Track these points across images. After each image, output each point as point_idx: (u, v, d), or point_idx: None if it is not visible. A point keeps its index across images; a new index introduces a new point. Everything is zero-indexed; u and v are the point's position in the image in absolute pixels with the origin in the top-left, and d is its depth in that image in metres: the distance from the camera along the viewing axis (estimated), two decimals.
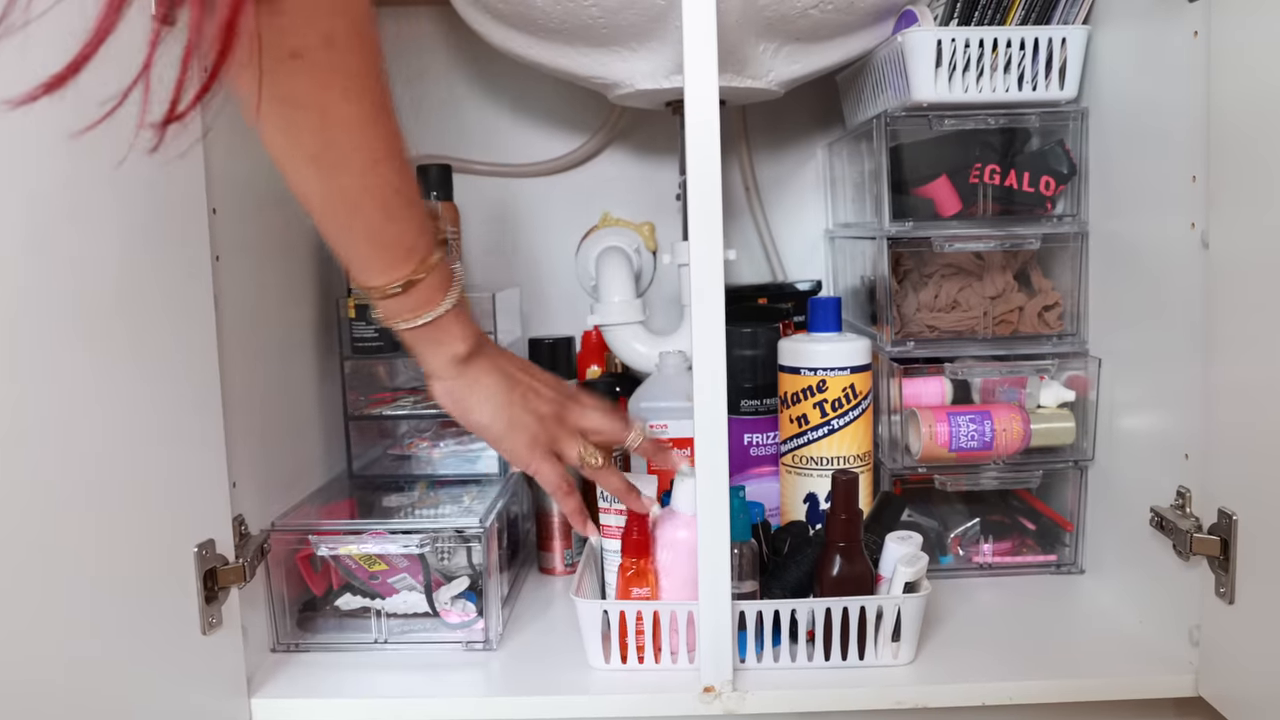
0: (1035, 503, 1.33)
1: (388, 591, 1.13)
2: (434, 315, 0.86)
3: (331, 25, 0.69)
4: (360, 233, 0.80)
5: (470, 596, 1.14)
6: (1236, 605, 0.93)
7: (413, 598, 1.13)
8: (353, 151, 0.75)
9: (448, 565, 1.15)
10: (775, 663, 1.05)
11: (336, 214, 0.79)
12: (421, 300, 0.85)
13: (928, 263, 1.31)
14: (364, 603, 1.14)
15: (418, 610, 1.13)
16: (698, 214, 0.94)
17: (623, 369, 1.53)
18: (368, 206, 0.78)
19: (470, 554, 1.15)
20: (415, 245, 0.82)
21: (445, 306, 0.86)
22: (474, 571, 1.14)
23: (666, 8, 1.15)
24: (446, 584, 1.14)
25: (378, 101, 0.77)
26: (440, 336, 0.88)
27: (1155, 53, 1.07)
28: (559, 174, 1.69)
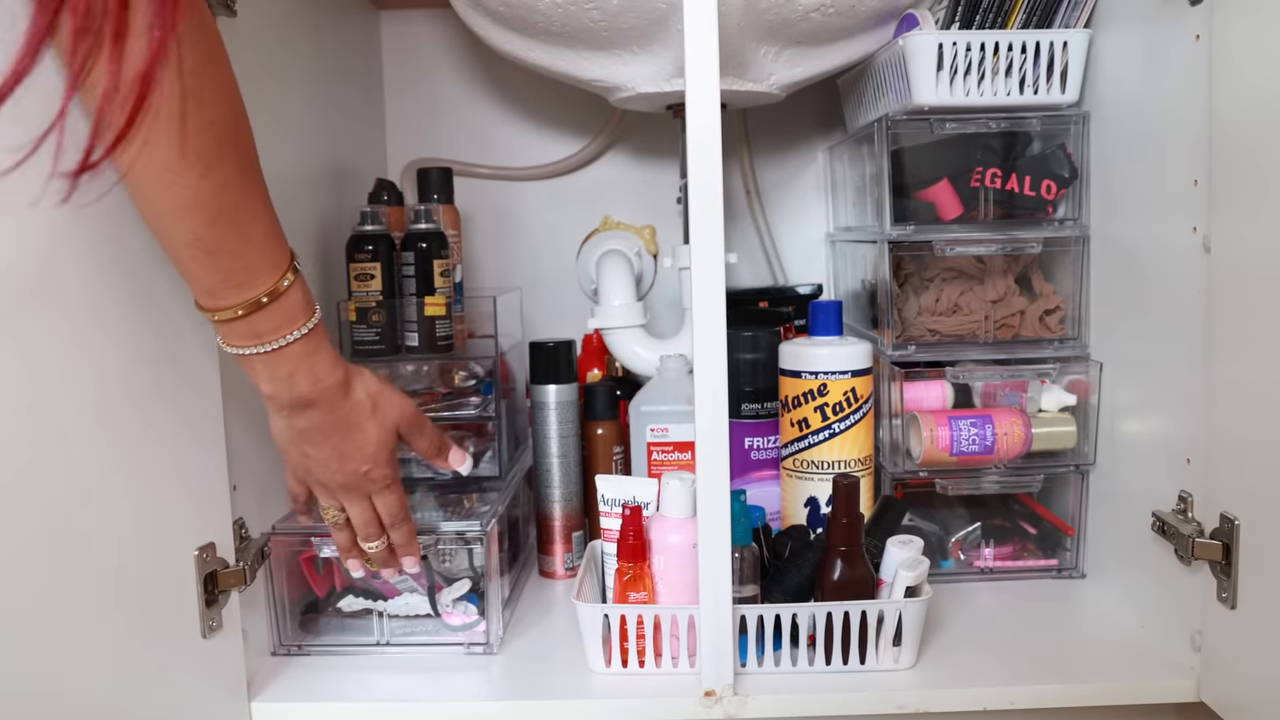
0: (1036, 507, 1.33)
1: (390, 593, 1.14)
2: (241, 352, 0.89)
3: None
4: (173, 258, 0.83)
5: (472, 599, 1.13)
6: (1238, 610, 0.93)
7: (414, 599, 1.13)
8: (155, 199, 0.77)
9: (449, 568, 1.15)
10: (776, 667, 1.04)
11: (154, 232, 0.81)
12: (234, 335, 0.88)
13: (929, 266, 1.31)
14: (366, 604, 1.14)
15: (419, 612, 1.13)
16: (699, 217, 0.93)
17: (623, 372, 1.53)
18: (172, 242, 0.81)
19: (471, 556, 1.14)
20: (215, 289, 0.84)
21: (249, 351, 0.89)
22: (476, 574, 1.14)
23: (668, 11, 1.15)
24: (448, 586, 1.14)
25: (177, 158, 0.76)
26: (252, 372, 0.92)
27: (1157, 56, 1.07)
28: (560, 177, 1.70)
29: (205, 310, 0.86)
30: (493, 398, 1.28)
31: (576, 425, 1.34)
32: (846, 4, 1.20)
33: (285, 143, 1.20)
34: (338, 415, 0.96)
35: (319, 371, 0.92)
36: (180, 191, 0.76)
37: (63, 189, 0.61)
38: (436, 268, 1.24)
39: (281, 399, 0.92)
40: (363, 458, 0.98)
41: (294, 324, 0.89)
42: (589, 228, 1.69)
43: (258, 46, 1.11)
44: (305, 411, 0.93)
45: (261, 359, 0.89)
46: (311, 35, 1.32)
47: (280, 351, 0.89)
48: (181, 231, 0.79)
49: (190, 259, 0.81)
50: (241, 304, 0.85)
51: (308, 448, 0.96)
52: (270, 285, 0.86)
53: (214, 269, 0.82)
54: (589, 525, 1.35)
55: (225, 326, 0.87)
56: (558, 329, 1.63)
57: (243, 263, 0.84)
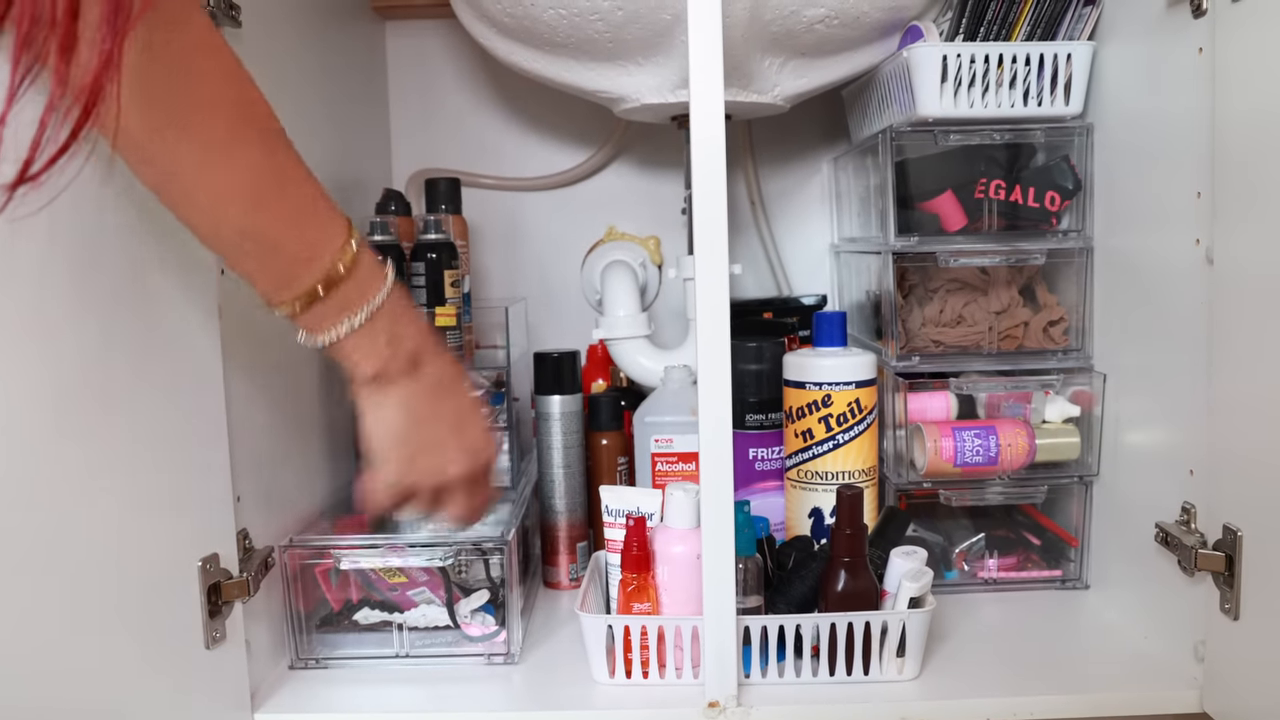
0: (1040, 518, 1.33)
1: (407, 604, 1.13)
2: (321, 341, 0.84)
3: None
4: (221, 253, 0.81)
5: (488, 609, 1.13)
6: (1241, 621, 0.92)
7: (432, 611, 1.13)
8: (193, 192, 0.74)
9: (464, 578, 1.15)
10: (780, 678, 1.04)
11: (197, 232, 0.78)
12: (307, 324, 0.83)
13: (933, 277, 1.31)
14: (384, 616, 1.13)
15: (437, 624, 1.13)
16: (703, 228, 0.94)
17: (628, 383, 1.53)
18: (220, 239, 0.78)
19: (488, 566, 1.14)
20: (285, 278, 0.80)
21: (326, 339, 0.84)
22: (492, 584, 1.14)
23: (672, 23, 1.16)
24: (466, 597, 1.13)
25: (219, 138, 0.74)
26: (341, 359, 0.86)
27: (1160, 69, 1.07)
28: (565, 188, 1.70)
29: (280, 305, 0.81)
30: (502, 408, 1.28)
31: (581, 436, 1.34)
32: (851, 16, 1.20)
33: None
34: (449, 367, 0.92)
35: (415, 321, 0.89)
36: (212, 181, 0.74)
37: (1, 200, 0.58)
38: (447, 278, 1.24)
39: (392, 369, 0.86)
40: (478, 417, 0.94)
41: (376, 282, 0.85)
42: (593, 238, 1.69)
43: (263, 57, 1.11)
44: (419, 371, 0.88)
45: (358, 336, 0.84)
46: (316, 46, 1.33)
47: (374, 318, 0.84)
48: (225, 226, 0.76)
49: (243, 254, 0.79)
50: (318, 281, 0.80)
51: (431, 422, 0.90)
52: (339, 251, 0.82)
53: (273, 255, 0.79)
54: (593, 536, 1.35)
55: (308, 313, 0.81)
56: (562, 340, 1.63)
57: (302, 237, 0.80)
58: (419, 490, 0.92)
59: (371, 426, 0.88)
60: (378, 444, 0.89)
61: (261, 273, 0.80)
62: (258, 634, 1.05)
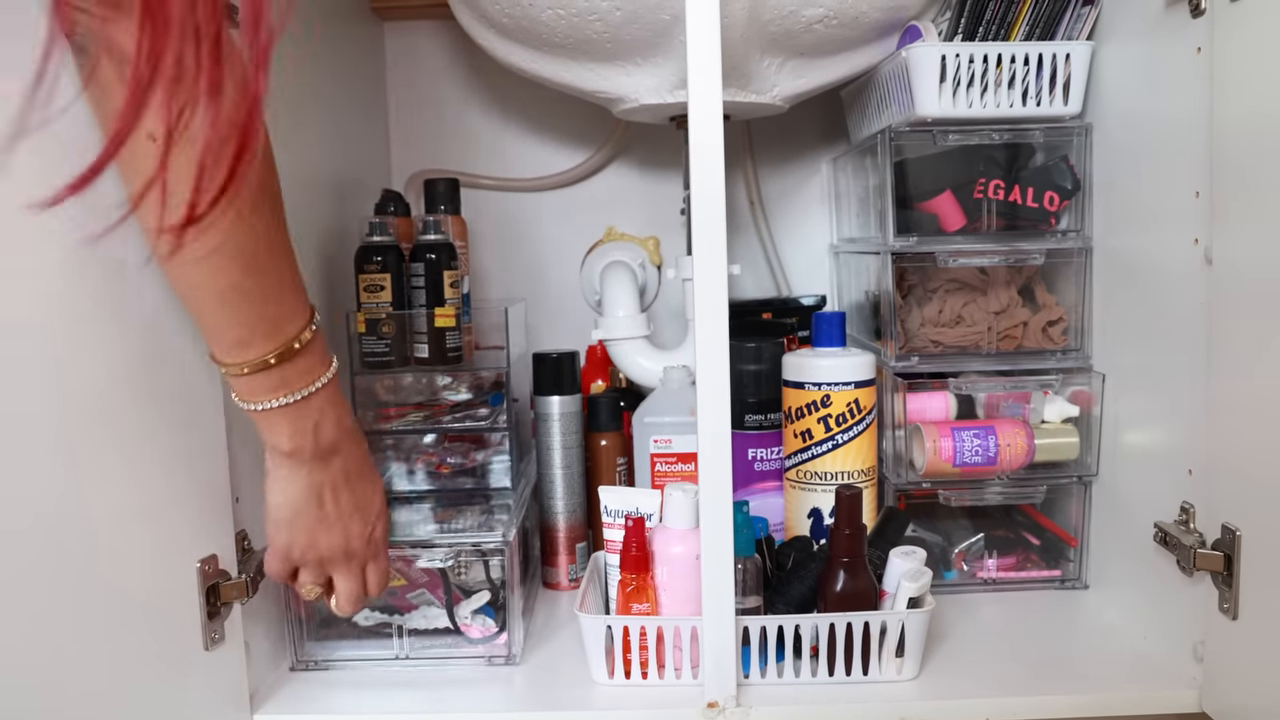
0: (1039, 518, 1.33)
1: (405, 607, 1.13)
2: (258, 407, 0.87)
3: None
4: (188, 306, 0.83)
5: (488, 611, 1.13)
6: (1240, 621, 0.92)
7: (432, 613, 1.13)
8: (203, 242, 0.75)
9: (463, 580, 1.15)
10: (779, 678, 1.04)
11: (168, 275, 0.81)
12: (249, 389, 0.87)
13: (932, 278, 1.31)
14: (383, 618, 1.13)
15: (437, 625, 1.13)
16: (702, 228, 0.94)
17: (627, 384, 1.53)
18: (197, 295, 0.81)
19: (488, 568, 1.14)
20: (243, 340, 0.83)
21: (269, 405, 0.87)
22: (493, 586, 1.14)
23: (670, 23, 1.16)
24: (466, 599, 1.13)
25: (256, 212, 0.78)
26: (265, 428, 0.90)
27: (1159, 68, 1.07)
28: (564, 188, 1.70)
29: (229, 364, 0.84)
30: (500, 408, 1.28)
31: (580, 436, 1.34)
32: (850, 16, 1.20)
33: (288, 154, 1.20)
34: (357, 458, 0.97)
35: (342, 414, 0.93)
36: (216, 237, 0.75)
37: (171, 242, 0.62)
38: (446, 278, 1.23)
39: (306, 452, 0.91)
40: (375, 510, 1.00)
41: (321, 368, 0.90)
42: (593, 239, 1.69)
43: None
44: (330, 460, 0.93)
45: (286, 411, 0.88)
46: (314, 46, 1.32)
47: (308, 400, 0.88)
48: (217, 280, 0.78)
49: (223, 308, 0.81)
50: (274, 351, 0.84)
51: (328, 503, 0.95)
52: (300, 329, 0.86)
53: (250, 317, 0.82)
54: (592, 536, 1.35)
55: (251, 379, 0.85)
56: (562, 340, 1.63)
57: (277, 309, 0.84)
58: (305, 564, 0.97)
59: (272, 495, 0.93)
60: (274, 513, 0.94)
61: (229, 329, 0.83)
62: (257, 635, 1.05)
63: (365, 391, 1.27)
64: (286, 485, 0.92)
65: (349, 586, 1.00)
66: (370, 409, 1.28)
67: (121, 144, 0.55)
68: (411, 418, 1.29)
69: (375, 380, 1.28)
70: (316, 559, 0.97)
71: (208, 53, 0.56)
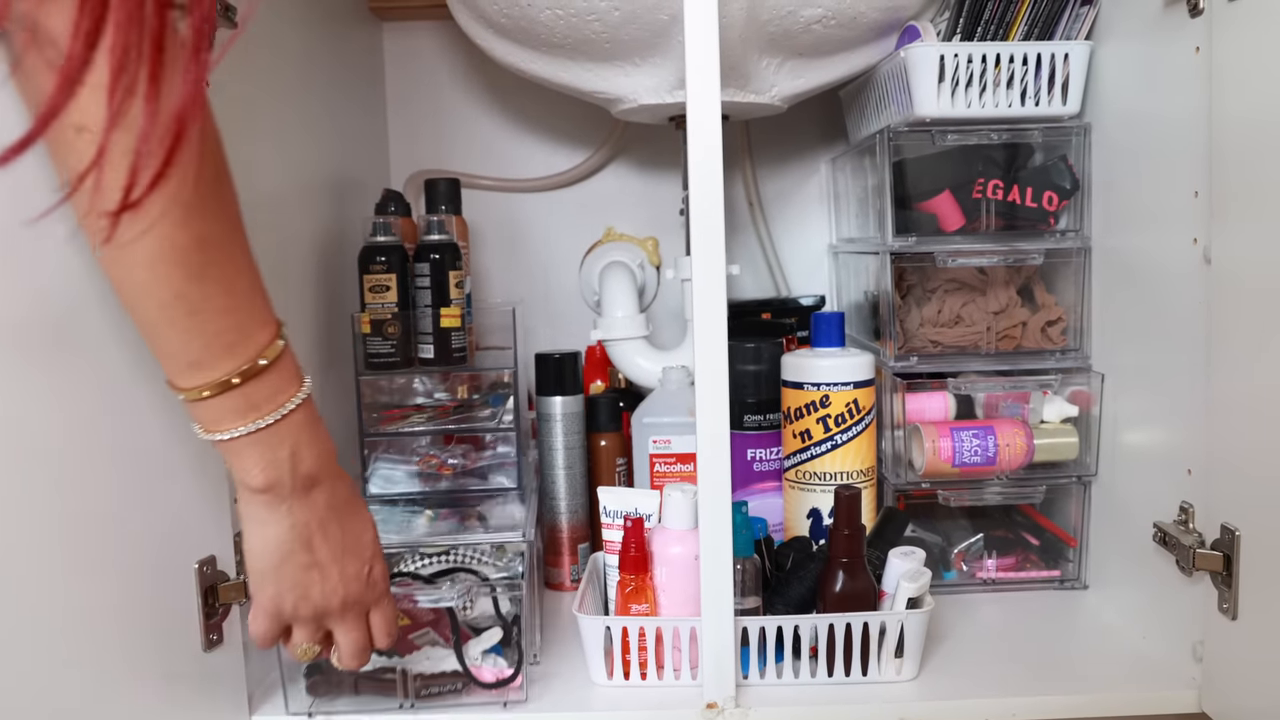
0: (1039, 518, 1.33)
1: (407, 649, 1.04)
2: (224, 436, 0.77)
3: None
4: (141, 326, 0.73)
5: (498, 650, 1.04)
6: (1239, 621, 0.92)
7: (437, 653, 1.04)
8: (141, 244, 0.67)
9: (469, 615, 1.06)
10: (778, 679, 1.04)
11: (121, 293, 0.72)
12: (212, 417, 0.77)
13: (931, 278, 1.31)
14: (383, 662, 1.02)
15: (444, 669, 1.03)
16: (700, 229, 0.94)
17: (626, 384, 1.53)
18: (145, 303, 0.71)
19: (497, 604, 1.05)
20: (200, 360, 0.74)
21: (236, 433, 0.77)
22: (504, 621, 1.05)
23: (669, 23, 1.16)
24: (475, 637, 1.05)
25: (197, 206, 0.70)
26: (234, 461, 0.79)
27: (1157, 68, 1.07)
28: (563, 189, 1.70)
29: (187, 390, 0.75)
30: (501, 409, 1.28)
31: (582, 437, 1.34)
32: (848, 16, 1.20)
33: (286, 154, 1.21)
34: (343, 490, 0.86)
35: (320, 440, 0.83)
36: (153, 242, 0.68)
37: (104, 228, 0.60)
38: (452, 279, 1.23)
39: (285, 486, 0.80)
40: (369, 548, 0.88)
41: (293, 388, 0.80)
42: (592, 239, 1.69)
43: (259, 57, 1.11)
44: (312, 493, 0.82)
45: (255, 440, 0.78)
46: (313, 47, 1.33)
47: (280, 424, 0.78)
48: (159, 289, 0.70)
49: (169, 322, 0.72)
50: (236, 370, 0.75)
51: (317, 544, 0.83)
52: (266, 344, 0.77)
53: (199, 331, 0.73)
54: (594, 537, 1.35)
55: (213, 404, 0.75)
56: (561, 341, 1.63)
57: (233, 320, 0.75)
58: (298, 620, 0.86)
59: (251, 541, 0.82)
60: (256, 563, 0.82)
61: (181, 346, 0.74)
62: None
63: (370, 392, 1.27)
64: (265, 528, 0.81)
65: (352, 639, 0.88)
66: (374, 410, 1.27)
67: (51, 122, 0.54)
68: (415, 419, 1.29)
69: (382, 381, 1.28)
70: (311, 612, 0.85)
71: (149, 37, 0.55)
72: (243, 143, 1.06)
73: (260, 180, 1.10)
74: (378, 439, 1.28)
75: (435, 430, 1.28)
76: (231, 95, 1.02)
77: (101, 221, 0.60)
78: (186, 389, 0.75)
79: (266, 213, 1.11)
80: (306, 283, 1.25)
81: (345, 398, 1.28)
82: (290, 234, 1.20)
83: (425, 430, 1.27)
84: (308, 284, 1.25)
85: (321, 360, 1.27)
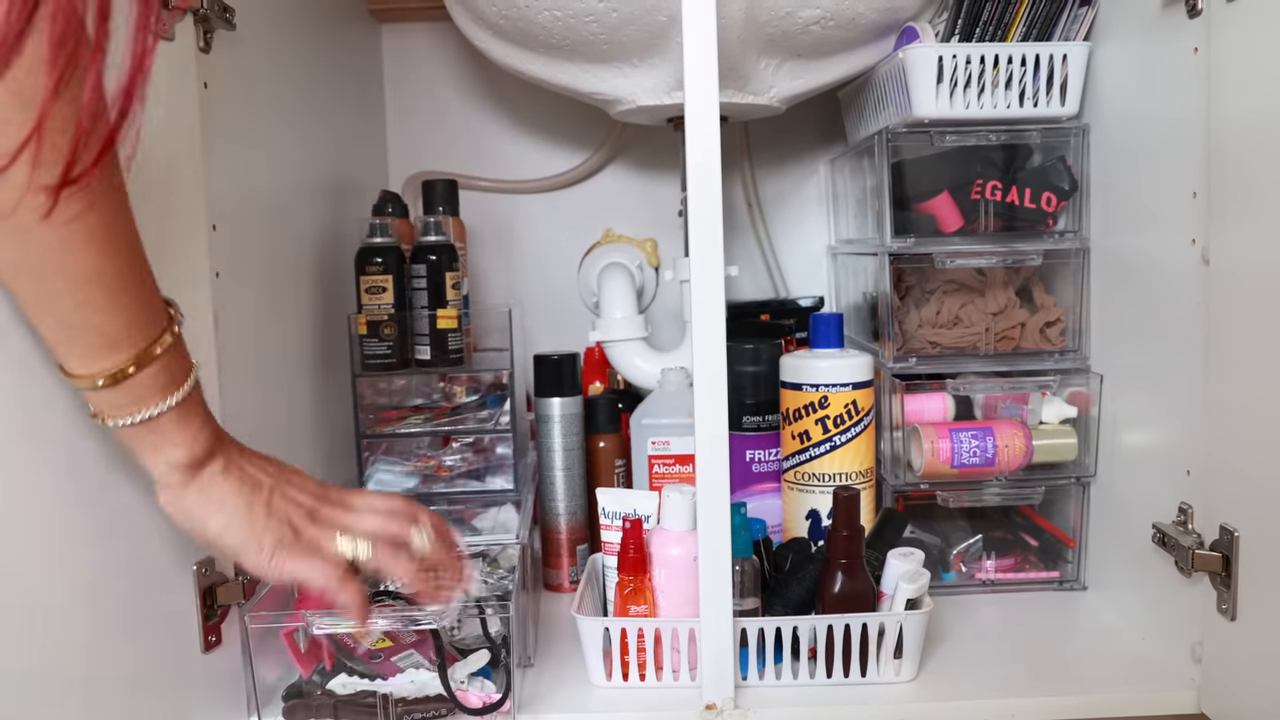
0: (1038, 519, 1.33)
1: (390, 671, 1.00)
2: (146, 415, 0.74)
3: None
4: (48, 313, 0.69)
5: (486, 673, 1.01)
6: (1238, 622, 0.92)
7: (421, 677, 1.00)
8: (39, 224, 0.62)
9: (456, 636, 1.04)
10: (777, 680, 1.04)
11: (19, 283, 0.67)
12: (133, 398, 0.73)
13: (930, 279, 1.31)
14: (364, 685, 0.99)
15: (428, 693, 0.99)
16: (698, 230, 0.94)
17: (625, 385, 1.53)
18: (58, 287, 0.67)
19: (485, 624, 1.02)
20: (121, 338, 0.71)
21: (161, 407, 0.74)
22: (492, 643, 1.02)
23: (667, 24, 1.16)
24: (461, 660, 1.01)
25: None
26: (157, 440, 0.76)
27: (1156, 69, 1.07)
28: (561, 190, 1.70)
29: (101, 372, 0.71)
30: (498, 411, 1.28)
31: (581, 438, 1.34)
32: (847, 17, 1.20)
33: (285, 154, 1.21)
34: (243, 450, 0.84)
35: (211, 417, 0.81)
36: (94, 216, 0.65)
37: (43, 204, 0.57)
38: (448, 280, 1.23)
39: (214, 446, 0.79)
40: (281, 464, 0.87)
41: (188, 359, 0.77)
42: (590, 241, 1.69)
43: (258, 59, 1.11)
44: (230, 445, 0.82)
45: (181, 411, 0.75)
46: (311, 48, 1.33)
47: (194, 392, 0.77)
48: (81, 265, 0.66)
49: (85, 299, 0.68)
50: (156, 339, 0.73)
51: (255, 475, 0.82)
52: (169, 314, 0.75)
53: (120, 308, 0.70)
54: (593, 538, 1.35)
55: (140, 380, 0.72)
56: (559, 342, 1.63)
57: (146, 293, 0.72)
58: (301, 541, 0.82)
59: (211, 522, 0.79)
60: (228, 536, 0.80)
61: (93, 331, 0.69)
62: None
63: (365, 393, 1.27)
64: (214, 493, 0.79)
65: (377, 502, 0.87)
66: (370, 411, 1.27)
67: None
68: (412, 421, 1.29)
69: (378, 383, 1.28)
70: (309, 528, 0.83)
71: (94, 9, 0.53)
72: (241, 144, 1.06)
73: (258, 181, 1.10)
74: (375, 440, 1.28)
75: (432, 432, 1.28)
76: (230, 96, 1.02)
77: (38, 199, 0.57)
78: (101, 371, 0.71)
79: (264, 213, 1.11)
80: (303, 284, 1.25)
81: (342, 399, 1.28)
82: (288, 235, 1.20)
83: (422, 432, 1.27)
84: (305, 285, 1.25)
85: (318, 361, 1.27)
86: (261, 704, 1.00)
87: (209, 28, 0.96)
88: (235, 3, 1.00)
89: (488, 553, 1.12)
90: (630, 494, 1.13)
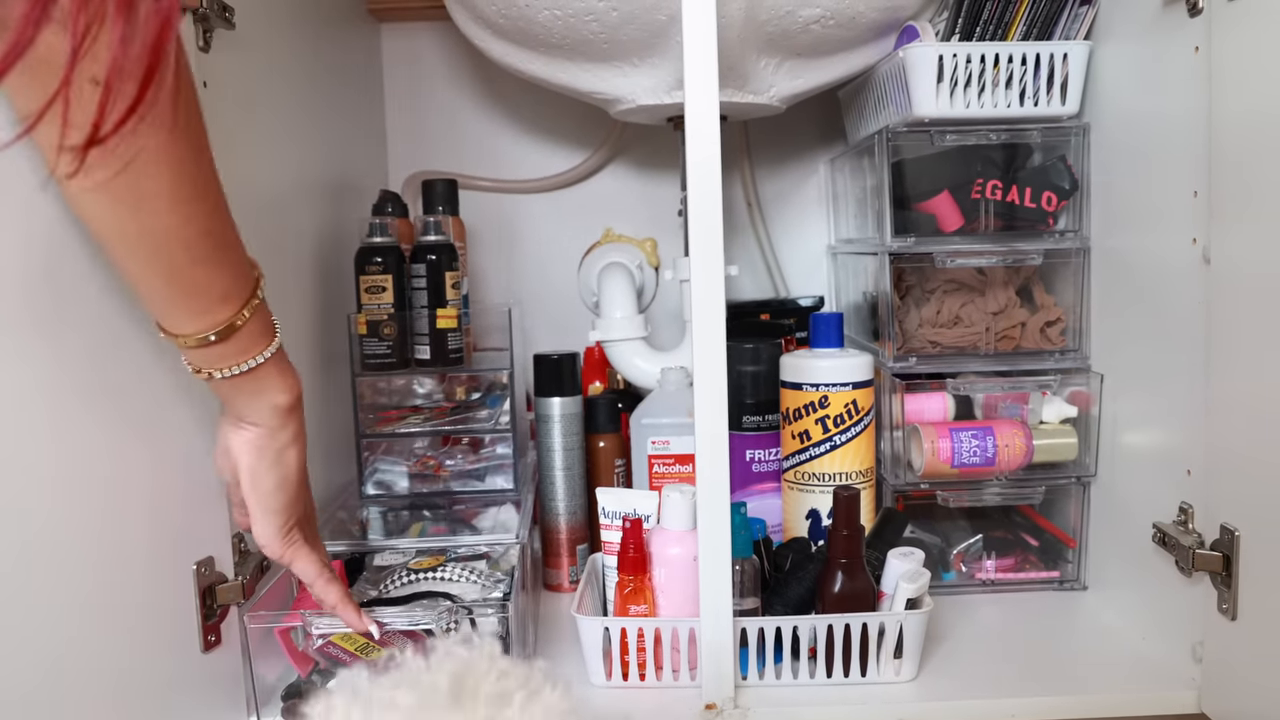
0: (1038, 519, 1.33)
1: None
2: (251, 364, 0.80)
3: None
4: (163, 275, 0.73)
5: None
6: (1239, 621, 0.92)
7: None
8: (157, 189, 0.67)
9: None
10: (777, 680, 1.04)
11: (136, 254, 0.71)
12: (239, 348, 0.79)
13: (930, 278, 1.31)
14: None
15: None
16: (698, 230, 0.94)
17: (625, 385, 1.53)
18: (172, 248, 0.71)
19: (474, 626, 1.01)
20: (231, 291, 0.76)
21: (265, 354, 0.80)
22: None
23: (667, 23, 1.16)
24: None
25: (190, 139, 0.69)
26: (258, 387, 0.82)
27: (1157, 68, 1.07)
28: (561, 190, 1.70)
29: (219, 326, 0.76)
30: (499, 410, 1.28)
31: (581, 438, 1.34)
32: (847, 16, 1.20)
33: (285, 154, 1.21)
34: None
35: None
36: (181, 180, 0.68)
37: (71, 163, 0.57)
38: (448, 280, 1.23)
39: (296, 395, 0.85)
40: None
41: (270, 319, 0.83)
42: (590, 240, 1.69)
43: (257, 58, 1.11)
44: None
45: (279, 357, 0.82)
46: (312, 47, 1.32)
47: (281, 350, 0.83)
48: (192, 225, 0.70)
49: (196, 261, 0.72)
50: (258, 292, 0.79)
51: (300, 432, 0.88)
52: (258, 270, 0.81)
53: (226, 265, 0.75)
54: (593, 538, 1.35)
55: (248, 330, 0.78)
56: (559, 342, 1.63)
57: (241, 252, 0.77)
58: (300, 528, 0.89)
59: (270, 474, 0.85)
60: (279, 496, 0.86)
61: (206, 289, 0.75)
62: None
63: (366, 393, 1.27)
64: (285, 451, 0.85)
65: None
66: (370, 411, 1.27)
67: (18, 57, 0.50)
68: (412, 420, 1.29)
69: (379, 382, 1.28)
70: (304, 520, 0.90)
71: None
72: (241, 143, 1.06)
73: (258, 180, 1.10)
74: (375, 440, 1.27)
75: (432, 431, 1.28)
76: (230, 96, 1.02)
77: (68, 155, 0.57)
78: (213, 325, 0.76)
79: (264, 213, 1.11)
80: (303, 283, 1.25)
81: (342, 399, 1.28)
82: (288, 234, 1.20)
83: (422, 431, 1.27)
84: (305, 284, 1.25)
85: (318, 361, 1.27)
86: (261, 704, 1.00)
87: (208, 27, 0.96)
88: (235, 2, 1.00)
89: (489, 553, 1.11)
90: (630, 494, 1.13)
